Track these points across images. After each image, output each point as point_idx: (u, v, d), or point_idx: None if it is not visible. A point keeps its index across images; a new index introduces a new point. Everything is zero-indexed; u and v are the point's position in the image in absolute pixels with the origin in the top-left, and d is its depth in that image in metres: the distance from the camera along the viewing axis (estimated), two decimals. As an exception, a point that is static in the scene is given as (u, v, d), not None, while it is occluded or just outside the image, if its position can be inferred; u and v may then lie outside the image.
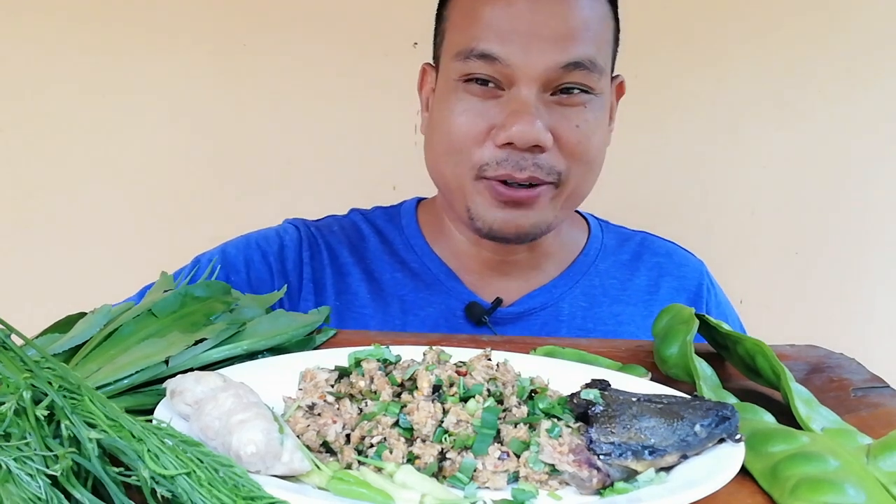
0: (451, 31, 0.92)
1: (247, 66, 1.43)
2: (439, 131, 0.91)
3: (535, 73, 0.85)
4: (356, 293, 0.99)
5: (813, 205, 1.48)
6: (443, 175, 0.93)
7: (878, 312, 1.52)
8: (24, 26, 1.40)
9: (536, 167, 0.86)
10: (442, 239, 1.02)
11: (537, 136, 0.84)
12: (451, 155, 0.90)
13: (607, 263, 1.05)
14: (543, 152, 0.86)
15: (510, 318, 0.98)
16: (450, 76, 0.90)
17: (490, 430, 0.55)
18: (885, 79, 1.44)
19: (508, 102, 0.86)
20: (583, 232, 1.07)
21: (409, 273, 1.00)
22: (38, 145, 1.44)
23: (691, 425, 0.54)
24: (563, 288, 1.01)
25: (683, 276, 1.07)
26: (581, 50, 0.86)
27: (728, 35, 1.43)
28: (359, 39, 1.42)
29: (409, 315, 0.98)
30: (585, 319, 1.00)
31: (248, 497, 0.43)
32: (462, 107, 0.88)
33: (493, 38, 0.86)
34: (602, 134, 0.92)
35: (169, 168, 1.46)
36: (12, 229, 1.46)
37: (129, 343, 0.67)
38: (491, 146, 0.87)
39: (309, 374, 0.63)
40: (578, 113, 0.88)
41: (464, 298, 0.98)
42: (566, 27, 0.86)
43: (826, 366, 0.78)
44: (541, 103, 0.86)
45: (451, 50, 0.90)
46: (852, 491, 0.51)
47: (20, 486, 0.43)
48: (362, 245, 1.03)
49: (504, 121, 0.86)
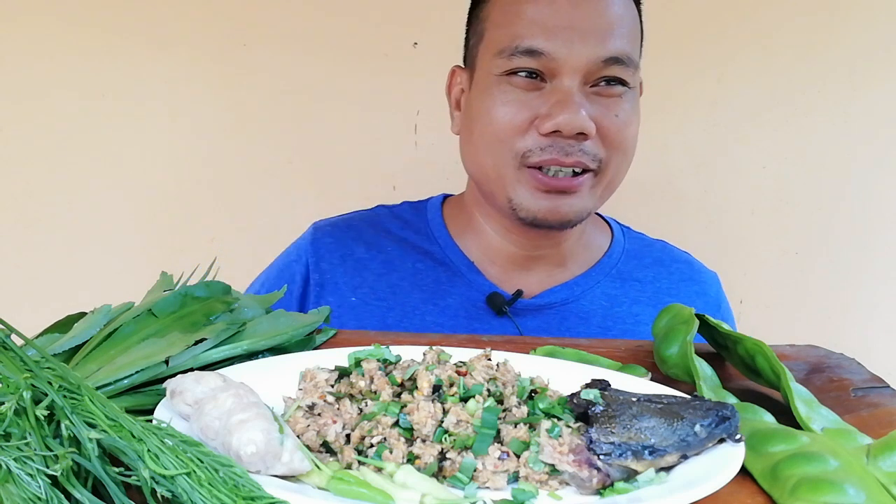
0: (491, 29, 0.95)
1: (247, 66, 1.43)
2: (480, 123, 0.94)
3: (578, 65, 0.89)
4: (373, 287, 1.02)
5: (813, 205, 1.48)
6: (483, 166, 0.96)
7: (879, 312, 1.52)
8: (24, 27, 1.40)
9: (582, 153, 0.90)
10: (468, 233, 1.05)
11: (583, 123, 0.88)
12: (492, 145, 0.93)
13: (630, 266, 1.07)
14: (587, 140, 0.90)
15: (530, 309, 1.00)
16: (491, 72, 0.93)
17: (490, 430, 0.55)
18: (886, 79, 1.44)
19: (552, 93, 0.90)
20: (606, 236, 1.10)
21: (430, 264, 1.03)
22: (38, 145, 1.44)
23: (691, 425, 0.54)
24: (585, 286, 1.03)
25: (704, 283, 1.10)
26: (619, 44, 0.91)
27: (728, 36, 1.43)
28: (359, 39, 1.42)
29: (428, 304, 1.00)
30: (605, 318, 1.02)
31: (248, 497, 0.43)
32: (504, 98, 0.92)
33: (537, 33, 0.89)
34: (637, 125, 0.96)
35: (169, 168, 1.46)
36: (12, 229, 1.46)
37: (129, 343, 0.67)
38: (534, 135, 0.90)
39: (309, 374, 0.63)
40: (616, 104, 0.92)
41: (485, 290, 1.01)
42: (605, 22, 0.90)
43: (826, 366, 0.78)
44: (582, 94, 0.90)
45: (493, 48, 0.93)
46: (852, 491, 0.51)
47: (20, 486, 0.43)
48: (383, 238, 1.06)
49: (549, 110, 0.89)
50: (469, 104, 0.98)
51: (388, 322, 1.00)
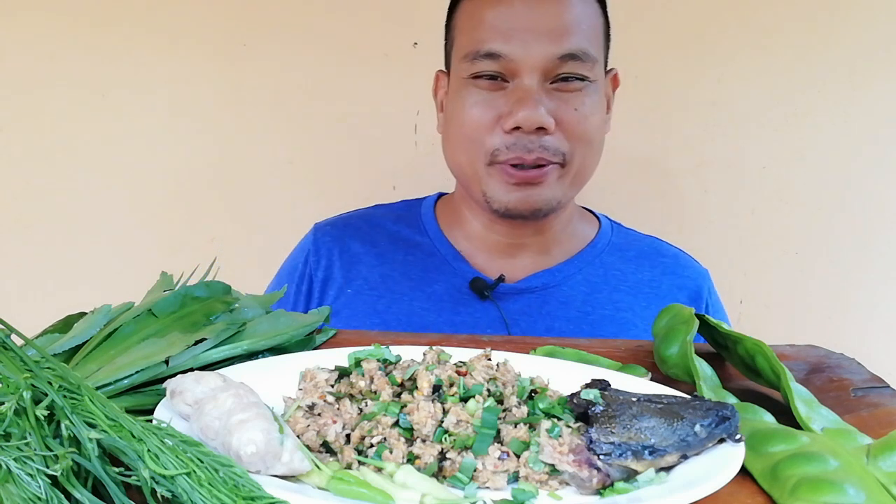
0: (458, 36, 1.01)
1: (247, 66, 1.43)
2: (454, 124, 1.01)
3: (535, 63, 0.95)
4: (366, 278, 1.08)
5: (813, 205, 1.48)
6: (460, 164, 1.03)
7: (879, 312, 1.52)
8: (24, 26, 1.40)
9: (543, 149, 0.95)
10: (456, 226, 1.11)
11: (541, 118, 0.93)
12: (465, 144, 1.00)
13: (613, 257, 1.11)
14: (548, 135, 0.95)
15: (512, 293, 1.05)
16: (461, 75, 0.99)
17: (490, 430, 0.55)
18: (886, 79, 1.44)
19: (514, 92, 0.96)
20: (593, 227, 1.14)
21: (420, 255, 1.09)
22: (38, 145, 1.44)
23: (691, 425, 0.54)
24: (567, 272, 1.07)
25: (686, 277, 1.12)
26: (574, 42, 0.96)
27: (728, 35, 1.43)
28: (359, 39, 1.42)
29: (416, 291, 1.06)
30: (584, 303, 1.06)
31: (248, 497, 0.43)
32: (472, 100, 0.98)
33: (496, 37, 0.95)
34: (600, 116, 1.01)
35: (169, 168, 1.46)
36: (12, 229, 1.46)
37: (129, 343, 0.67)
38: (500, 132, 0.96)
39: (309, 374, 0.63)
40: (576, 97, 0.97)
41: (469, 276, 1.06)
42: (560, 22, 0.95)
43: (826, 366, 0.78)
44: (542, 91, 0.96)
45: (461, 52, 0.99)
46: (852, 491, 0.51)
47: (20, 486, 0.43)
48: (377, 232, 1.12)
49: (511, 108, 0.95)
50: (447, 107, 1.05)
51: (377, 308, 1.05)
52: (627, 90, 1.12)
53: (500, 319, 1.03)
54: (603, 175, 1.08)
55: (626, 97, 1.13)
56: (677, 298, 1.08)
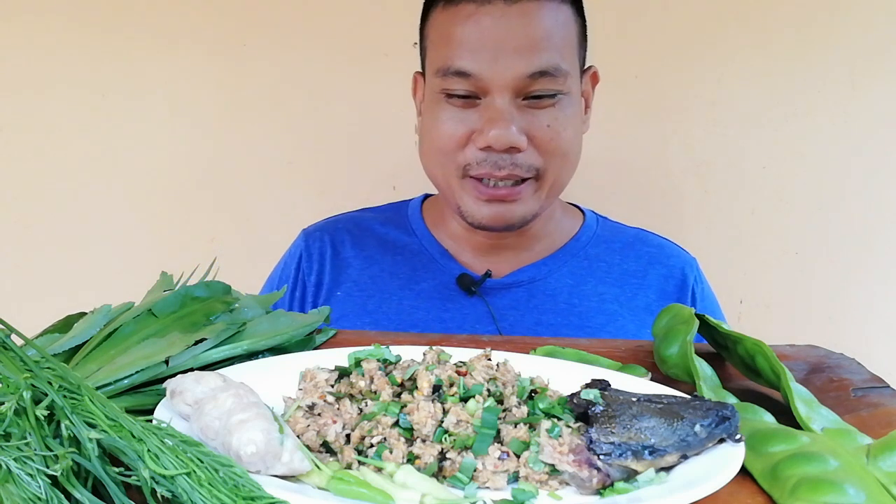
0: (430, 49, 1.01)
1: (247, 66, 1.43)
2: (428, 137, 1.02)
3: (504, 82, 0.93)
4: (356, 281, 1.09)
5: (813, 205, 1.48)
6: (434, 176, 1.04)
7: (879, 312, 1.52)
8: (24, 27, 1.40)
9: (514, 165, 0.96)
10: (441, 225, 1.12)
11: (512, 139, 0.93)
12: (438, 157, 1.00)
13: (598, 250, 1.12)
14: (520, 152, 0.95)
15: (499, 288, 1.06)
16: (433, 89, 0.99)
17: (490, 430, 0.55)
18: (886, 79, 1.44)
19: (486, 109, 0.95)
20: (577, 221, 1.15)
21: (408, 254, 1.10)
22: (38, 145, 1.44)
23: (691, 425, 0.54)
24: (552, 266, 1.09)
25: (672, 266, 1.12)
26: (545, 59, 0.94)
27: (728, 36, 1.43)
28: (359, 39, 1.42)
29: (405, 290, 1.07)
30: (571, 295, 1.07)
31: (248, 497, 0.43)
32: (445, 115, 0.98)
33: (465, 55, 0.94)
34: (574, 127, 1.00)
35: (169, 168, 1.46)
36: (12, 229, 1.46)
37: (129, 343, 0.67)
38: (473, 148, 0.96)
39: (309, 374, 0.63)
40: (549, 113, 0.96)
41: (456, 273, 1.07)
42: (529, 39, 0.93)
43: (826, 366, 0.78)
44: (514, 108, 0.95)
45: (432, 66, 0.99)
46: (852, 491, 0.50)
47: (20, 486, 0.43)
48: (366, 235, 1.14)
49: (482, 126, 0.95)
50: (423, 114, 1.05)
51: (368, 308, 1.06)
52: (627, 90, 1.13)
53: (489, 314, 1.04)
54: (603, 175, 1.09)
55: (626, 97, 1.13)
56: (663, 287, 1.09)
